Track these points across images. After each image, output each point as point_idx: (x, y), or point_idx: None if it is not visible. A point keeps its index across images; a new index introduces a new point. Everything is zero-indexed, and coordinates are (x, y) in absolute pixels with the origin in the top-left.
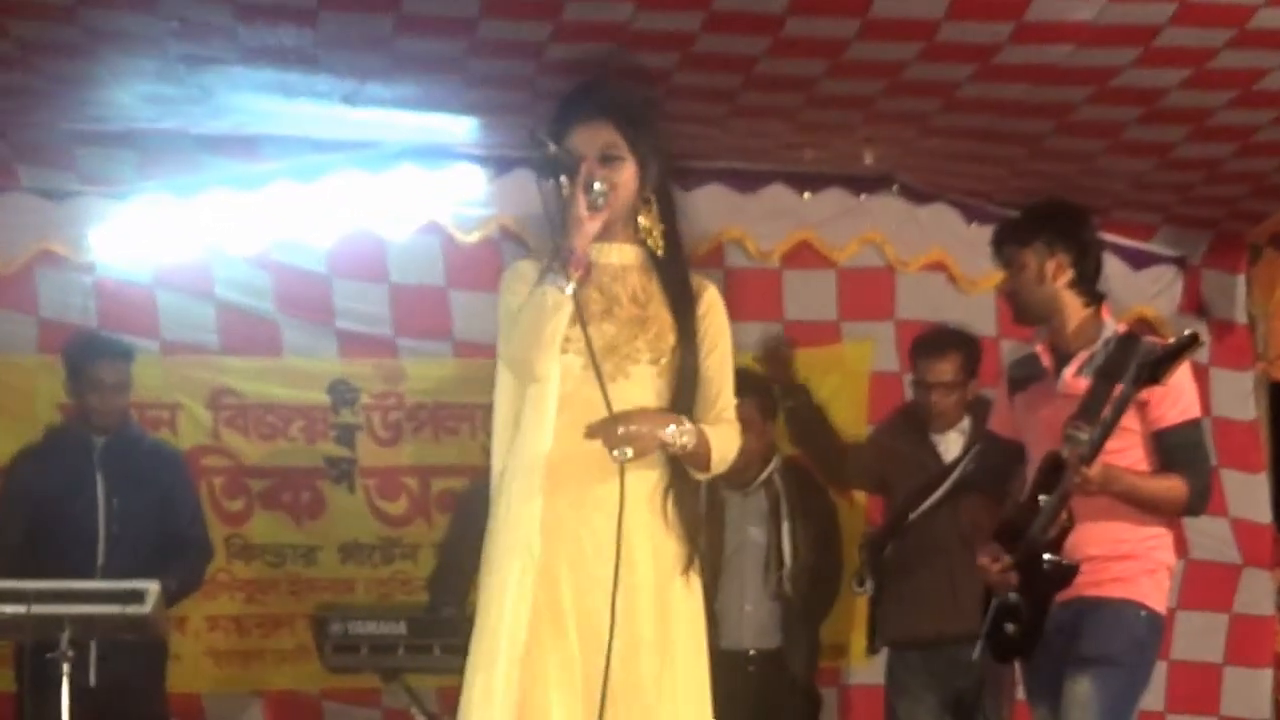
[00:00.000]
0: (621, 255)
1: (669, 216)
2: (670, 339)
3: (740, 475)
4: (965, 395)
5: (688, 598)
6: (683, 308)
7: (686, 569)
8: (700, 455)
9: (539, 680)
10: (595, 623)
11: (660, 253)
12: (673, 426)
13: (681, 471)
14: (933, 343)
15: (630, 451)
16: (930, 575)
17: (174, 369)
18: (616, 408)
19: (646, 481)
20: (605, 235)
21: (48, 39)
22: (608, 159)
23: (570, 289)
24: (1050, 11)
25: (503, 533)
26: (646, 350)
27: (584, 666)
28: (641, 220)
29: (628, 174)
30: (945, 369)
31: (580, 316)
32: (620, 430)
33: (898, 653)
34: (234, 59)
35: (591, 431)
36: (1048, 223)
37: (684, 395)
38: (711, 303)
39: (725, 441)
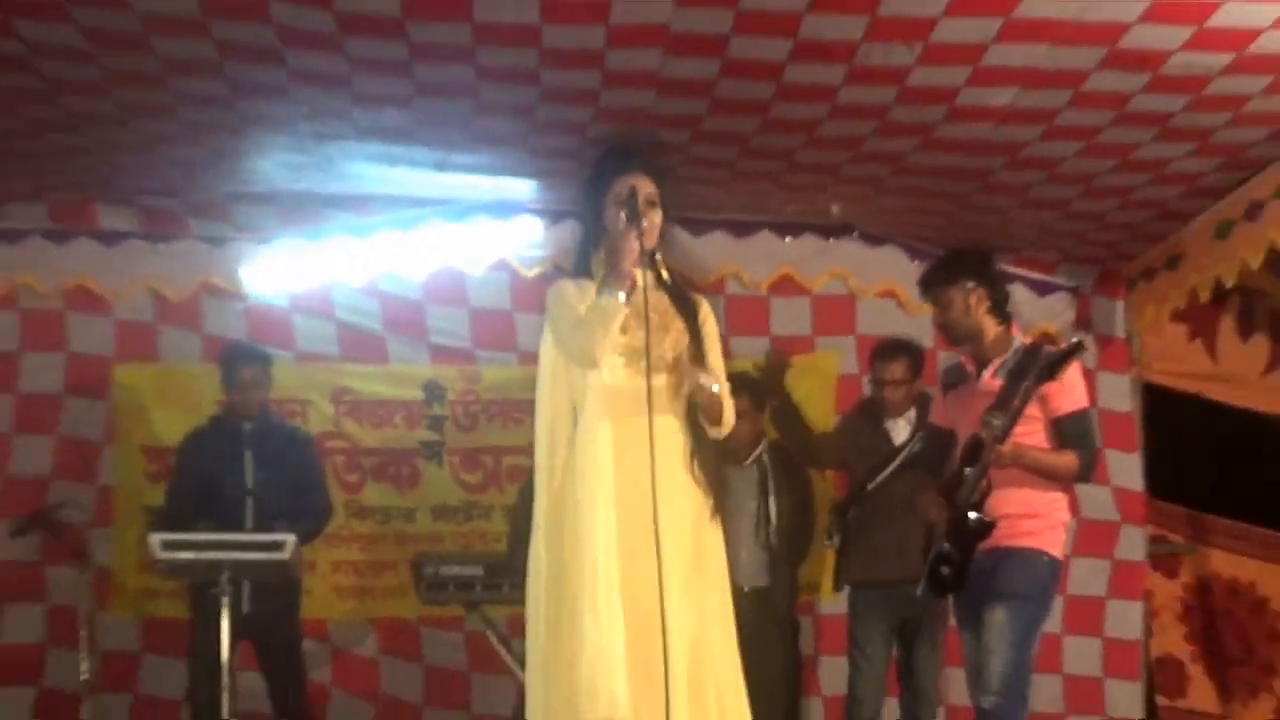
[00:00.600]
0: (642, 278)
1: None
2: (684, 340)
3: (736, 454)
4: (911, 391)
5: (718, 539)
6: (690, 317)
7: (713, 516)
8: (716, 408)
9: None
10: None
11: (665, 276)
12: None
13: (701, 438)
14: (887, 350)
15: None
16: (883, 532)
17: (305, 373)
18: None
19: (675, 450)
20: (640, 262)
21: (211, 122)
22: (650, 204)
23: (623, 298)
24: (975, 97)
25: (583, 508)
26: (671, 349)
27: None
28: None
29: (659, 216)
30: (896, 370)
31: (646, 324)
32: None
33: (857, 590)
34: (350, 135)
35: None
36: (964, 267)
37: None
38: (707, 312)
39: (730, 408)
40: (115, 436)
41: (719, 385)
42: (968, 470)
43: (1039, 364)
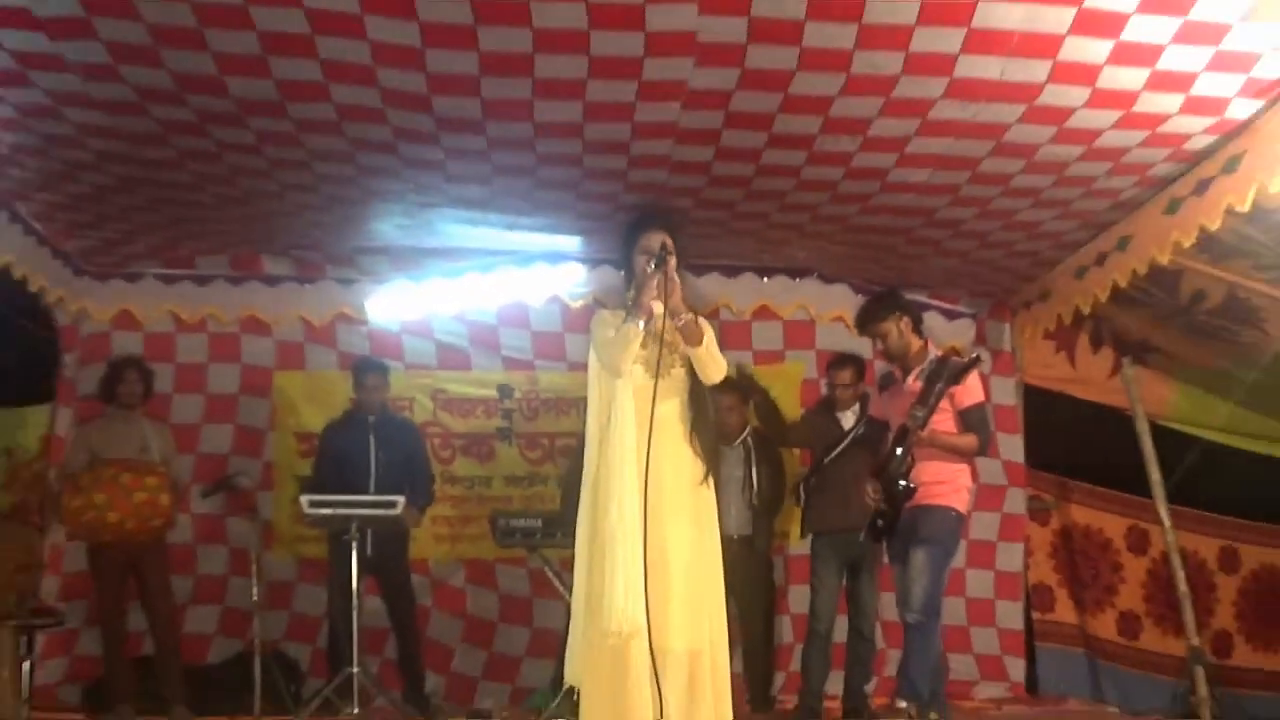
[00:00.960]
0: (658, 309)
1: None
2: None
3: (728, 436)
4: (857, 391)
5: (710, 498)
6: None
7: (705, 480)
8: (695, 332)
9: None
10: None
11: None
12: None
13: (699, 421)
14: (839, 361)
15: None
16: (835, 493)
17: (411, 379)
18: (661, 398)
19: (678, 431)
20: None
21: (343, 196)
22: (668, 253)
23: (642, 326)
24: (901, 175)
25: (614, 476)
26: (678, 362)
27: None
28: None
29: (673, 262)
30: (845, 376)
31: (661, 342)
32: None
33: (817, 536)
34: (444, 204)
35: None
36: (890, 305)
37: (696, 384)
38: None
39: (710, 338)
40: (275, 425)
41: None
42: (898, 449)
43: (948, 371)
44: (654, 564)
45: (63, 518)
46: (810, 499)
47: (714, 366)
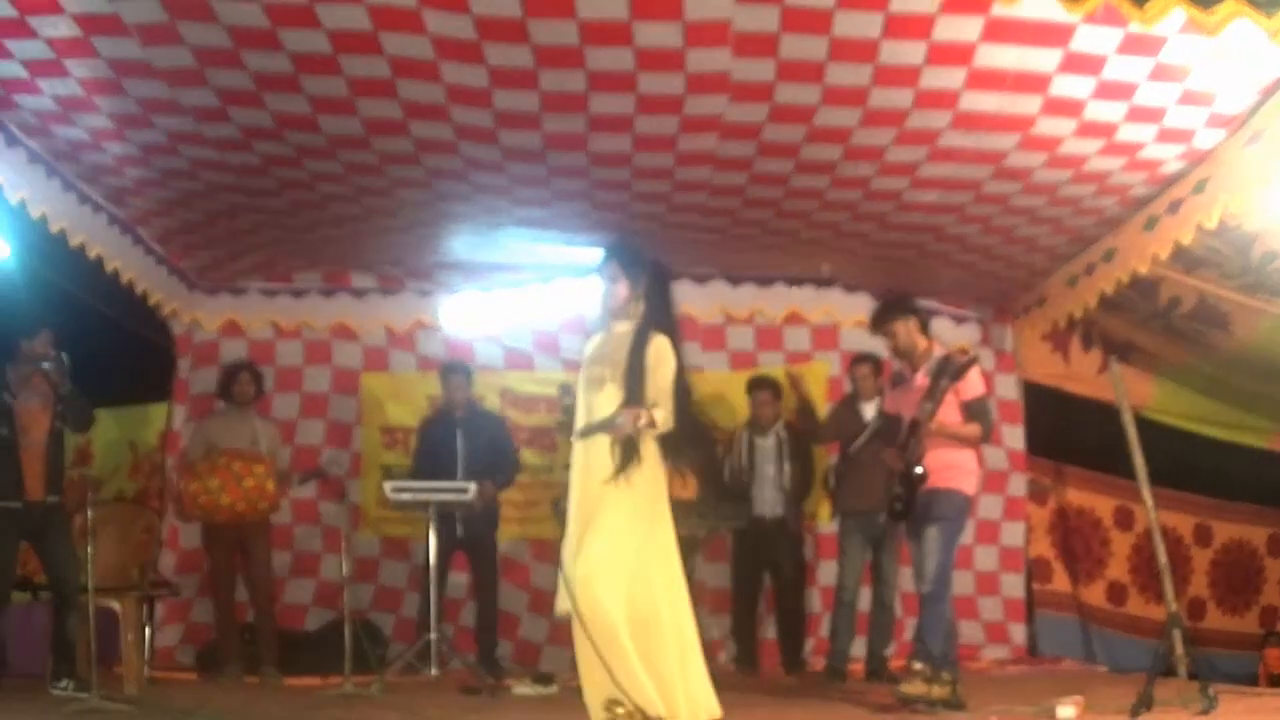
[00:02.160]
0: (622, 327)
1: (650, 307)
2: (624, 368)
3: (762, 429)
4: (876, 385)
5: (616, 490)
6: (636, 353)
7: (615, 478)
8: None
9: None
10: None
11: (639, 324)
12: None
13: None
14: (860, 358)
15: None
16: (859, 479)
17: (482, 379)
18: (594, 411)
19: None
20: (617, 316)
21: (420, 218)
22: (613, 279)
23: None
24: (913, 196)
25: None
26: (607, 378)
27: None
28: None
29: (624, 289)
30: (864, 370)
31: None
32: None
33: (845, 517)
34: (509, 224)
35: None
36: (901, 307)
37: (630, 398)
38: (655, 346)
39: (663, 416)
40: (362, 420)
41: (640, 416)
42: (910, 440)
43: (951, 368)
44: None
45: (183, 501)
46: (838, 484)
47: (664, 421)
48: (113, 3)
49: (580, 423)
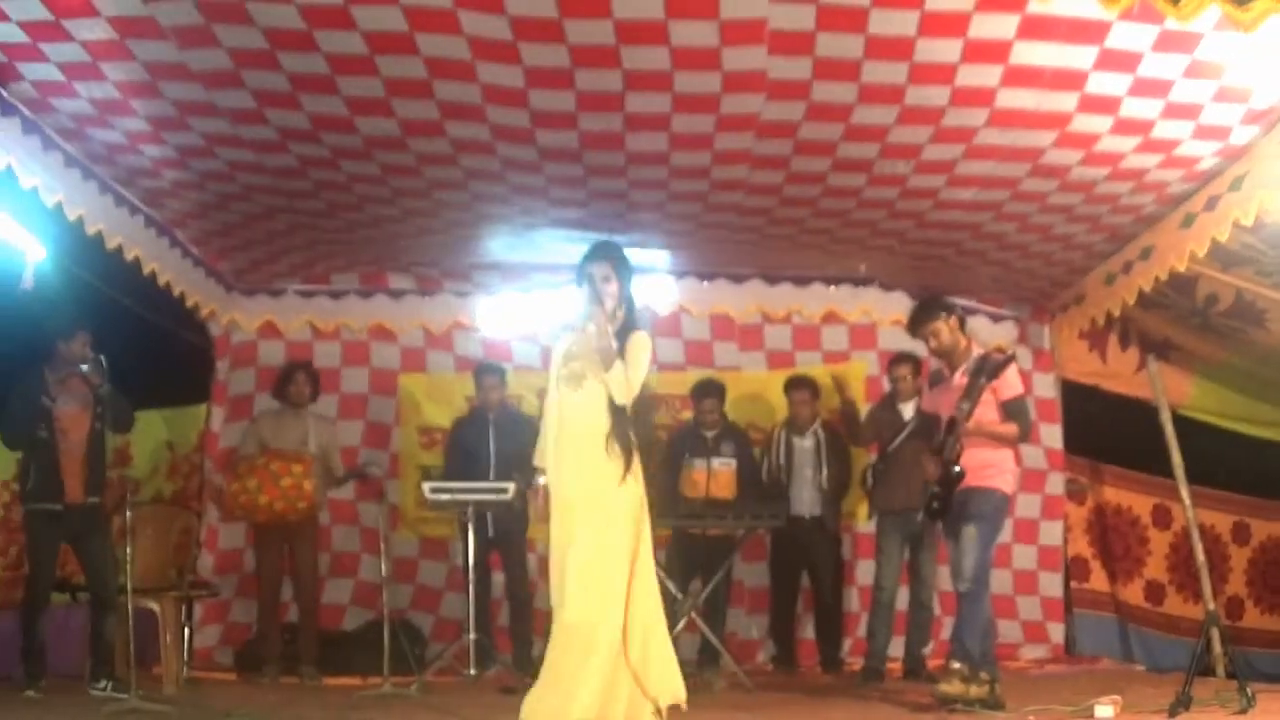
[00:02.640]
0: (598, 325)
1: (629, 307)
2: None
3: (800, 429)
4: (916, 384)
5: (620, 492)
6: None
7: (622, 480)
8: (608, 359)
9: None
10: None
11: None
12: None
13: (619, 417)
14: (899, 358)
15: None
16: (898, 478)
17: (520, 379)
18: (576, 410)
19: (597, 431)
20: (602, 316)
21: (457, 219)
22: (606, 279)
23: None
24: (950, 194)
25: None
26: (590, 375)
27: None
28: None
29: (614, 288)
30: (904, 370)
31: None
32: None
33: (882, 515)
34: (546, 224)
35: None
36: (938, 308)
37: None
38: (634, 341)
39: (622, 385)
40: (400, 421)
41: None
42: (949, 439)
43: (989, 367)
44: (561, 553)
45: (225, 500)
46: (876, 483)
47: (620, 391)
48: (148, 5)
49: (551, 421)
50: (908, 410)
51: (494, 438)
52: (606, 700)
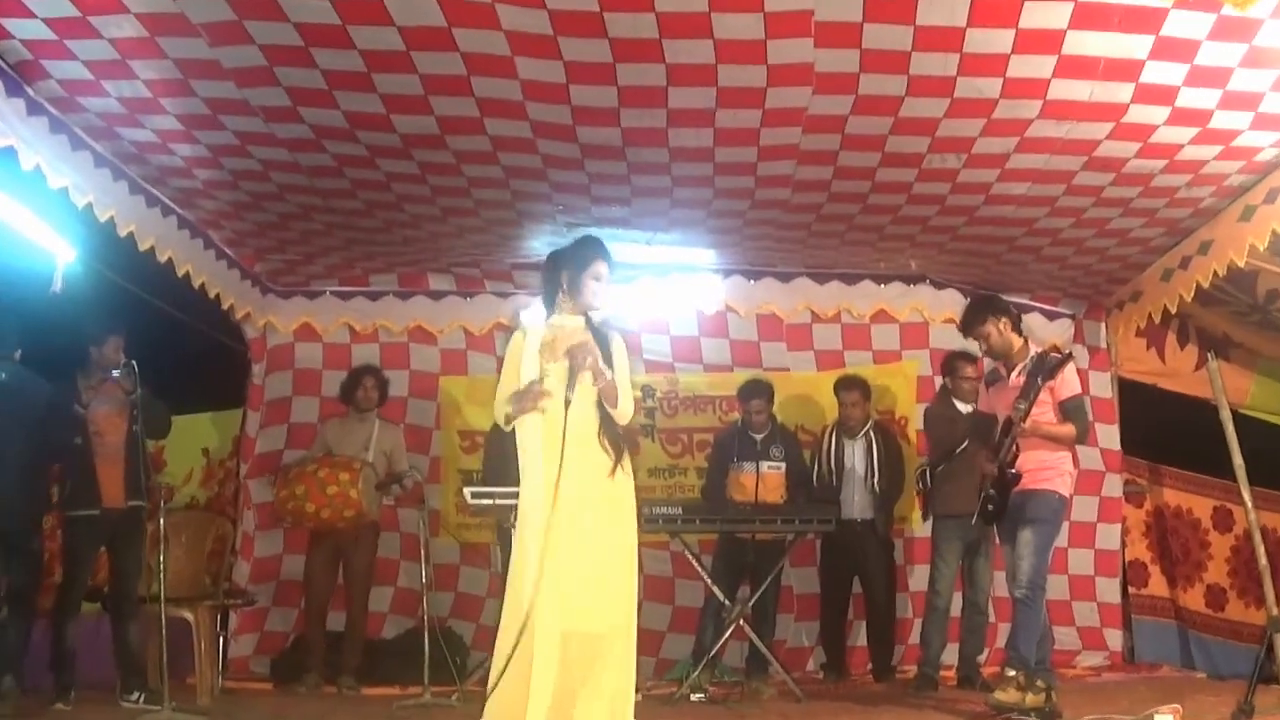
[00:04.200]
0: (574, 321)
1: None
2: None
3: (852, 430)
4: (976, 384)
5: (613, 487)
6: (604, 348)
7: (613, 472)
8: (612, 395)
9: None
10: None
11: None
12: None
13: (607, 418)
14: (964, 355)
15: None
16: (956, 480)
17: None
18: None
19: (589, 423)
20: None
21: (499, 218)
22: (601, 279)
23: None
24: (1003, 189)
25: (529, 475)
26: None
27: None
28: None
29: (606, 290)
30: (970, 370)
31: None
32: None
33: (940, 519)
34: (588, 223)
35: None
36: (990, 308)
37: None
38: (617, 344)
39: (626, 398)
40: (441, 424)
41: (619, 386)
42: (1004, 440)
43: (1046, 367)
44: (566, 551)
45: (274, 507)
46: (934, 485)
47: (626, 408)
48: (177, 1)
49: (537, 431)
50: (966, 409)
51: None
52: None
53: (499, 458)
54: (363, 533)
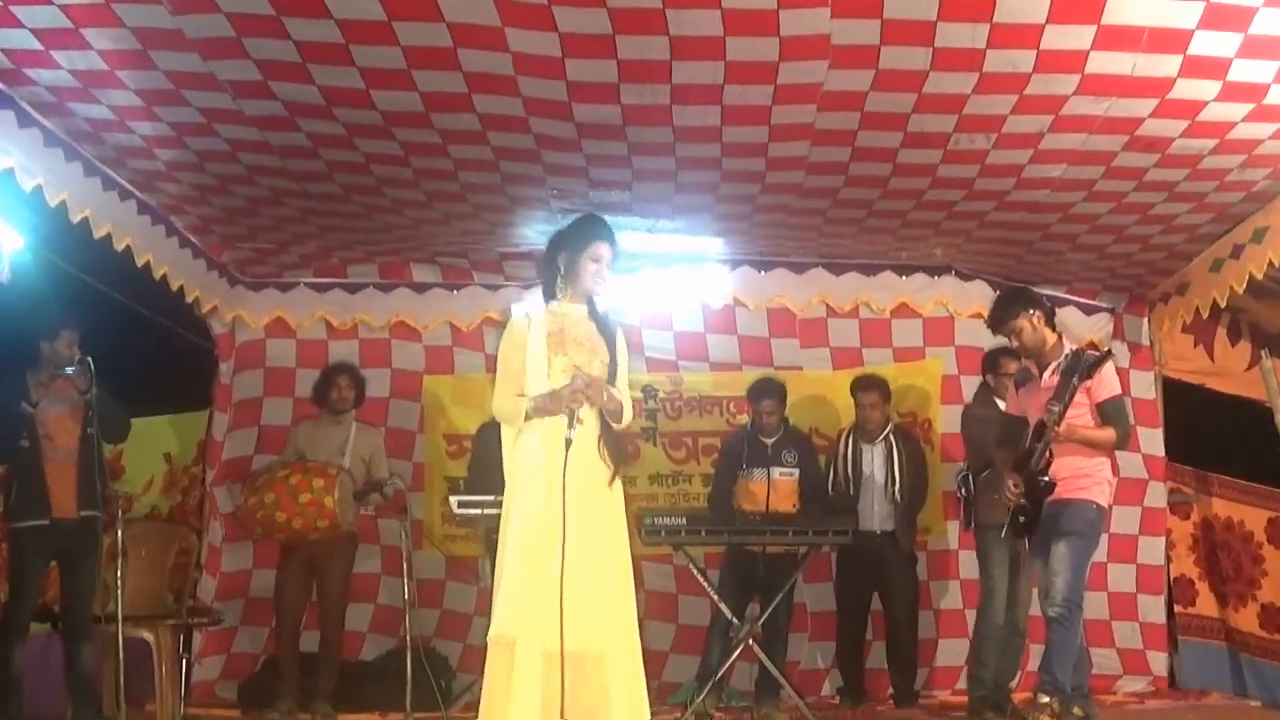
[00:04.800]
0: (577, 310)
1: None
2: (605, 358)
3: (870, 435)
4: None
5: (611, 495)
6: (610, 341)
7: (612, 482)
8: (617, 412)
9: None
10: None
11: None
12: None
13: (607, 426)
14: (1006, 351)
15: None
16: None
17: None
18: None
19: (589, 435)
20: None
21: (488, 203)
22: (604, 262)
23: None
24: (1036, 171)
25: (520, 487)
26: (599, 368)
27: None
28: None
29: (607, 273)
30: (1013, 366)
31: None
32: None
33: (984, 528)
34: (586, 208)
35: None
36: (1022, 302)
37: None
38: (621, 338)
39: (628, 408)
40: (425, 427)
41: (621, 395)
42: (1037, 445)
43: (1082, 366)
44: (559, 570)
45: (242, 516)
46: (978, 492)
47: (627, 410)
48: None
49: (539, 440)
50: (1002, 405)
51: None
52: None
53: (487, 463)
54: (339, 545)
